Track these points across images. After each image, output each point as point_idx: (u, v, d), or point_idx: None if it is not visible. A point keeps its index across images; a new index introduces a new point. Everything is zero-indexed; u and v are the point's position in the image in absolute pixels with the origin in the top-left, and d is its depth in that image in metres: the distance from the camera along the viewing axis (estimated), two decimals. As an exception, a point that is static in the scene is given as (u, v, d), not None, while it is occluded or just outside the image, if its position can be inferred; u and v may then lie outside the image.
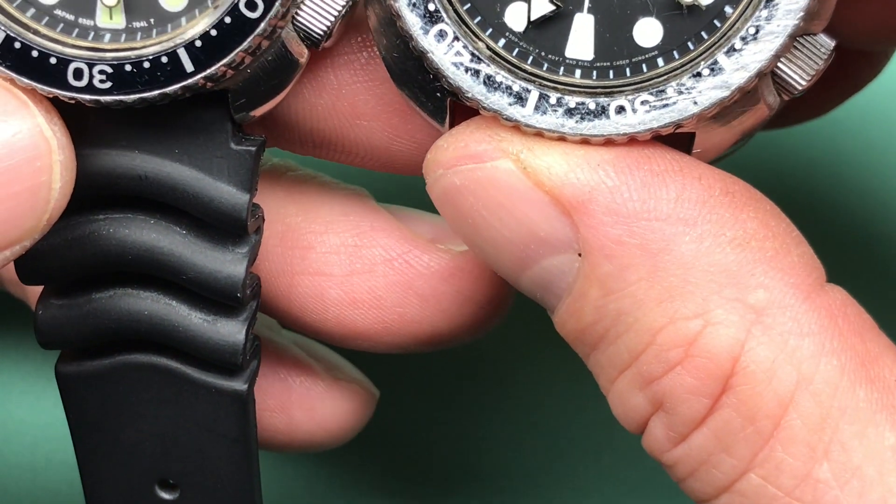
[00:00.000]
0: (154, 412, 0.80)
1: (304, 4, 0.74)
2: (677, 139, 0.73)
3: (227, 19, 0.72)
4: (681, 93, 0.71)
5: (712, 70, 0.71)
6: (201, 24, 0.73)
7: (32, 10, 0.74)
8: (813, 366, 0.68)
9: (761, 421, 0.68)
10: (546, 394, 1.06)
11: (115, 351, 0.80)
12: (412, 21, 0.72)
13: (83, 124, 0.75)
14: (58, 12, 0.74)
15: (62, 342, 0.80)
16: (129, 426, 0.81)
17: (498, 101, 0.72)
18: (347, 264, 0.83)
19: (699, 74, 0.71)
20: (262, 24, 0.72)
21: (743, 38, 0.70)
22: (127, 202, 0.77)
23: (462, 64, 0.72)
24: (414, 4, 0.72)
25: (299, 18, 0.74)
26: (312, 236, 0.83)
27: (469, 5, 0.73)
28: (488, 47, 0.73)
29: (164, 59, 0.73)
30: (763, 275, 0.69)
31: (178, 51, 0.73)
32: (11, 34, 0.73)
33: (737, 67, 0.71)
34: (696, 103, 0.71)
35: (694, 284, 0.68)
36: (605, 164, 0.70)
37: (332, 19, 0.74)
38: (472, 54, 0.72)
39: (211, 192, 0.76)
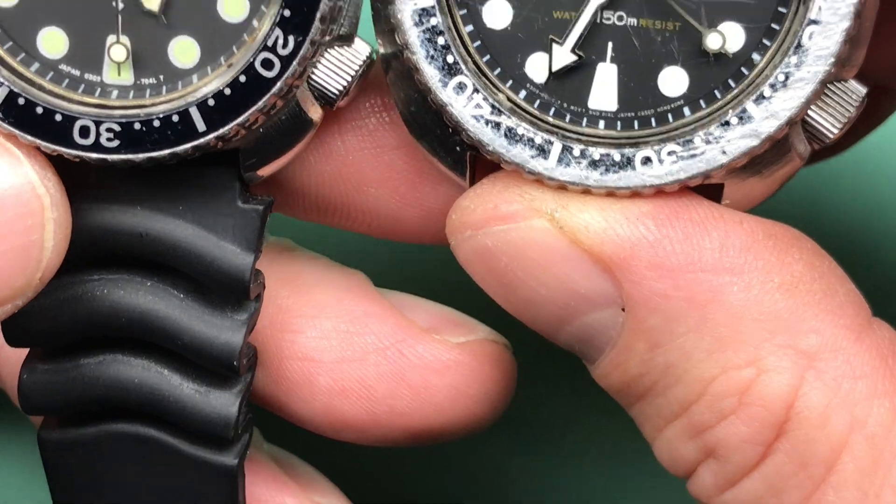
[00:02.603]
0: (139, 483, 0.77)
1: (321, 63, 0.71)
2: (706, 191, 0.71)
3: (242, 78, 0.70)
4: (709, 142, 0.69)
5: (741, 118, 0.69)
6: (214, 82, 0.71)
7: (37, 65, 0.72)
8: (866, 409, 0.67)
9: (814, 466, 0.67)
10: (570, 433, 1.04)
11: (101, 419, 0.76)
12: (430, 74, 0.70)
13: (83, 178, 0.73)
14: (63, 67, 0.72)
15: (47, 408, 0.76)
16: (113, 497, 0.77)
17: (520, 153, 0.70)
18: (338, 351, 0.80)
19: (727, 123, 0.69)
20: (279, 84, 0.70)
21: (772, 86, 0.68)
22: (124, 261, 0.74)
23: (482, 117, 0.70)
24: (432, 57, 0.70)
25: (315, 77, 0.72)
26: (303, 320, 0.80)
27: (489, 56, 0.71)
28: (509, 99, 0.71)
29: (175, 118, 0.70)
30: (814, 318, 0.67)
31: (190, 109, 0.70)
32: (15, 90, 0.71)
33: (766, 115, 0.69)
34: (724, 153, 0.69)
35: (745, 333, 0.67)
36: (644, 218, 0.68)
37: (350, 78, 0.72)
38: (493, 106, 0.70)
39: (214, 252, 0.73)
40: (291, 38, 0.69)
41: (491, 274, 0.72)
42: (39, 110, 0.70)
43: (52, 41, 0.72)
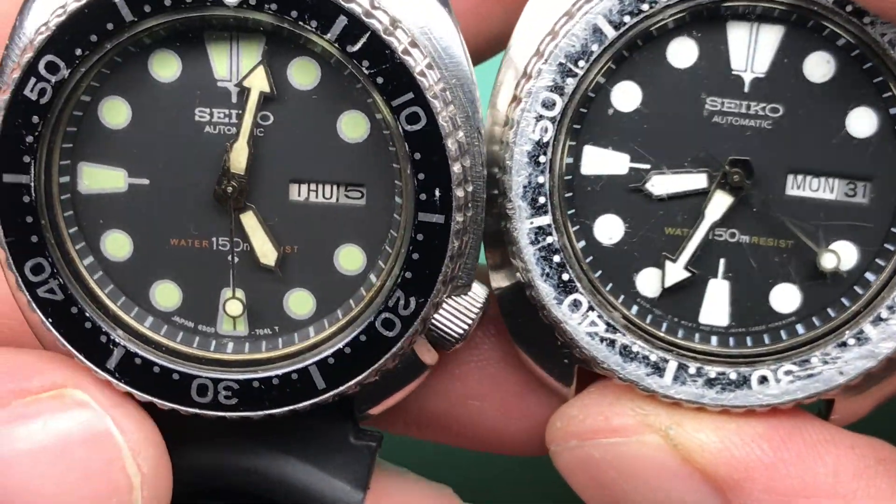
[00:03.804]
0: None
1: (440, 311, 0.70)
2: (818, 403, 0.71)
3: (363, 337, 0.68)
4: (826, 363, 0.69)
5: (858, 339, 0.69)
6: (335, 340, 0.69)
7: (151, 319, 0.70)
8: None
9: None
10: None
11: None
12: (545, 291, 0.70)
13: (192, 418, 0.70)
14: (177, 319, 0.70)
15: None
16: None
17: (635, 371, 0.70)
18: None
19: (844, 344, 0.69)
20: (399, 344, 0.68)
21: (890, 308, 0.69)
22: (229, 498, 0.72)
23: (597, 334, 0.70)
24: (547, 275, 0.70)
25: (435, 323, 0.70)
26: None
27: (601, 272, 0.71)
28: (624, 316, 0.70)
29: (295, 376, 0.68)
30: None
31: (310, 368, 0.68)
32: (131, 349, 0.68)
33: (884, 337, 0.69)
34: (842, 373, 0.69)
35: None
36: (760, 440, 0.68)
37: (470, 322, 0.70)
38: (608, 324, 0.70)
39: (323, 489, 0.71)
40: (413, 300, 0.67)
41: (595, 485, 0.71)
42: (157, 370, 0.68)
43: (166, 294, 0.70)
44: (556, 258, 0.69)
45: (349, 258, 0.69)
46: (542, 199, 0.69)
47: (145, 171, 0.69)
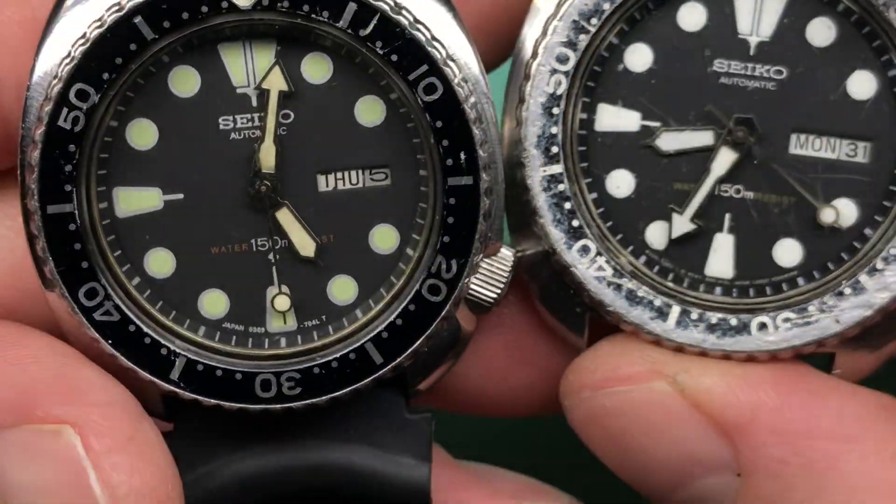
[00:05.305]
0: None
1: (475, 276, 0.73)
2: (819, 361, 0.73)
3: (412, 307, 0.71)
4: (823, 311, 0.72)
5: (855, 289, 0.72)
6: (385, 315, 0.72)
7: (203, 329, 0.73)
8: None
9: None
10: None
11: None
12: (556, 236, 0.74)
13: (253, 422, 0.72)
14: (227, 325, 0.73)
15: None
16: None
17: (639, 315, 0.73)
18: None
19: (841, 293, 0.72)
20: (447, 307, 0.71)
21: (885, 259, 0.71)
22: (296, 502, 0.74)
23: (604, 278, 0.74)
24: (558, 221, 0.74)
25: (471, 290, 0.73)
26: None
27: (611, 223, 0.74)
28: (630, 263, 0.74)
29: (353, 356, 0.71)
30: None
31: (366, 346, 0.71)
32: (192, 357, 0.71)
33: (879, 287, 0.71)
34: (838, 322, 0.72)
35: (860, 501, 0.68)
36: (765, 384, 0.70)
37: (503, 285, 0.73)
38: (615, 269, 0.73)
39: (390, 468, 0.73)
40: (454, 262, 0.71)
41: (606, 435, 0.73)
42: (219, 373, 0.71)
43: (213, 302, 0.73)
44: (567, 205, 0.74)
45: (383, 237, 0.73)
46: (554, 149, 0.74)
47: (179, 187, 0.72)
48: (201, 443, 0.73)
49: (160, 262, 0.72)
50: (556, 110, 0.73)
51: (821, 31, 0.73)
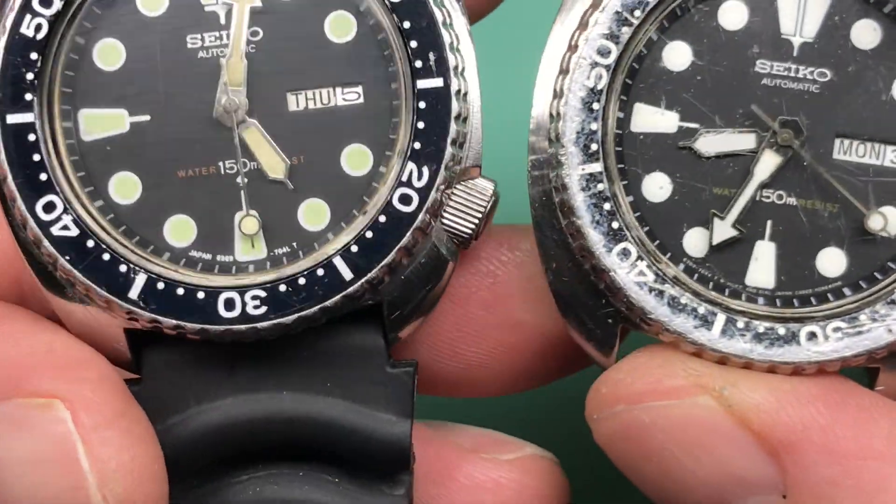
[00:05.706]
0: None
1: (450, 204, 0.70)
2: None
3: (382, 218, 0.68)
4: (875, 320, 0.69)
5: (907, 298, 0.69)
6: (352, 228, 0.69)
7: (168, 254, 0.69)
8: None
9: None
10: None
11: None
12: (595, 238, 0.69)
13: (227, 370, 0.69)
14: (194, 253, 0.69)
15: None
16: None
17: (683, 323, 0.69)
18: None
19: (893, 302, 0.69)
20: (420, 217, 0.68)
21: None
22: (270, 453, 0.70)
23: (645, 284, 0.69)
24: (597, 222, 0.69)
25: (446, 219, 0.70)
26: None
27: (647, 229, 0.71)
28: (671, 269, 0.70)
29: (321, 272, 0.68)
30: None
31: (334, 260, 0.68)
32: (153, 275, 0.68)
33: (933, 295, 0.69)
34: (890, 331, 0.69)
35: None
36: (816, 401, 0.66)
37: (479, 217, 0.71)
38: (657, 275, 0.69)
39: (369, 424, 0.69)
40: (426, 169, 0.68)
41: (641, 453, 0.69)
42: (181, 291, 0.68)
43: (180, 229, 0.70)
44: (607, 206, 0.69)
45: (356, 158, 0.70)
46: (594, 147, 0.70)
47: (145, 108, 0.70)
48: (172, 392, 0.70)
49: (125, 187, 0.70)
50: (595, 105, 0.70)
51: (866, 34, 0.71)
